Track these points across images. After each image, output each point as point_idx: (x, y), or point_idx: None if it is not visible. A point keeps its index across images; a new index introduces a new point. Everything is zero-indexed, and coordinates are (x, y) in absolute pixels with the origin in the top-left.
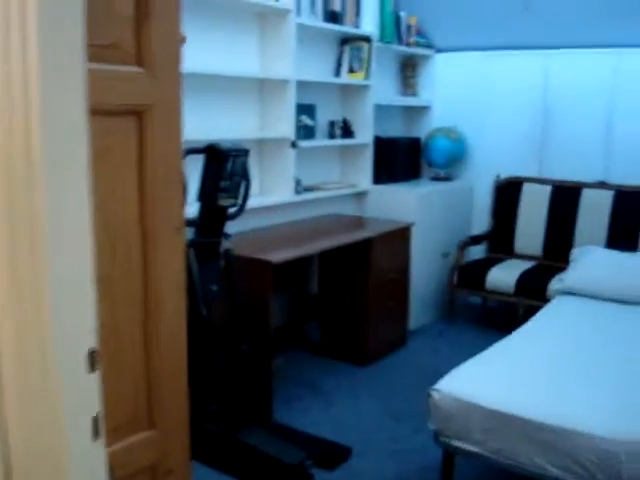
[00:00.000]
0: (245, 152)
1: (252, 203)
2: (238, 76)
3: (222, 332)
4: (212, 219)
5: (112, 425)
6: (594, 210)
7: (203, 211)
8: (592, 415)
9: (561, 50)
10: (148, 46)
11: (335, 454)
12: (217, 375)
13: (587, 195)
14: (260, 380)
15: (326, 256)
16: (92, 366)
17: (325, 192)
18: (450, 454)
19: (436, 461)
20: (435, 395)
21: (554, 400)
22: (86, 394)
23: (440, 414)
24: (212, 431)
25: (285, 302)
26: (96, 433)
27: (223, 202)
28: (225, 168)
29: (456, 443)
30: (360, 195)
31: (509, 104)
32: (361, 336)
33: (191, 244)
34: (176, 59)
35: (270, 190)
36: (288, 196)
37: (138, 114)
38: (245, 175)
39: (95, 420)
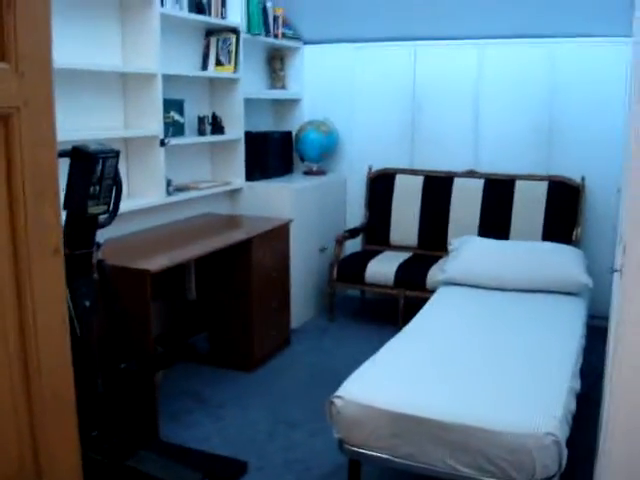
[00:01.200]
0: (115, 153)
1: (121, 207)
2: (98, 70)
3: (98, 351)
4: (81, 229)
5: None
6: (466, 199)
7: (70, 220)
8: (499, 411)
9: (428, 42)
10: (11, 38)
11: (231, 470)
12: (95, 398)
13: (458, 184)
14: (143, 398)
15: (204, 259)
16: None
17: (198, 192)
18: (356, 462)
19: (336, 467)
20: (338, 402)
21: (459, 398)
22: None
23: (344, 422)
24: (96, 460)
25: (162, 310)
26: None
27: (93, 210)
28: (94, 172)
29: (363, 451)
30: (234, 193)
31: (379, 96)
32: (246, 341)
33: None
34: (47, 53)
35: (140, 192)
36: (159, 198)
37: (3, 119)
38: (116, 179)
39: None
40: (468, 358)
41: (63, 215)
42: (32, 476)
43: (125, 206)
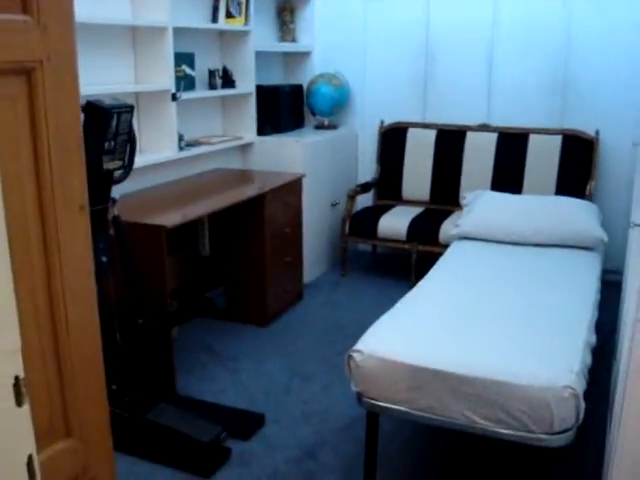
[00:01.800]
0: (130, 108)
1: (135, 162)
2: (108, 24)
3: (116, 307)
4: (97, 185)
5: None
6: (479, 153)
7: (88, 176)
8: (517, 364)
9: None
10: None
11: (248, 423)
12: (114, 353)
13: (471, 138)
14: (160, 353)
15: (217, 214)
16: (19, 398)
17: (209, 147)
18: (374, 415)
19: (351, 419)
20: (357, 357)
21: (477, 351)
22: (15, 435)
23: (363, 375)
24: (116, 414)
25: (176, 265)
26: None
27: (109, 165)
28: (109, 127)
29: (382, 404)
30: (245, 147)
31: (391, 48)
32: (260, 296)
33: None
34: (69, 5)
35: (152, 147)
36: (171, 153)
37: (27, 73)
38: (130, 134)
39: (30, 462)
40: (485, 312)
41: None
42: (62, 435)
43: (138, 161)
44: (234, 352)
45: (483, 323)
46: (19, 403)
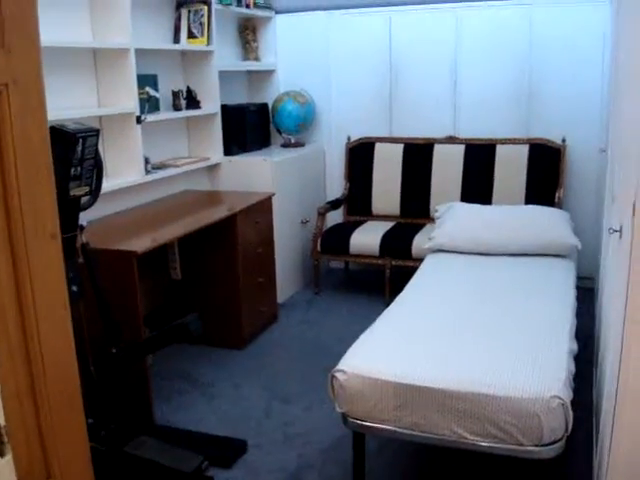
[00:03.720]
0: (95, 132)
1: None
2: (68, 47)
3: (88, 337)
4: (64, 212)
5: None
6: (447, 165)
7: None
8: (503, 377)
9: (403, 7)
10: None
11: (230, 450)
12: (89, 386)
13: (439, 151)
14: (136, 383)
15: (187, 237)
16: (1, 448)
17: (176, 169)
18: (360, 435)
19: (335, 440)
20: (340, 377)
21: (461, 365)
22: None
23: (347, 396)
24: (94, 448)
25: (148, 291)
26: None
27: (76, 191)
28: (74, 153)
29: (368, 423)
30: (213, 168)
31: (355, 64)
32: (235, 318)
33: None
34: (34, 28)
35: (118, 172)
36: (138, 176)
37: None
38: (96, 159)
39: None
40: (465, 325)
41: None
42: (42, 477)
43: (104, 186)
44: (211, 377)
45: (465, 336)
46: (1, 454)
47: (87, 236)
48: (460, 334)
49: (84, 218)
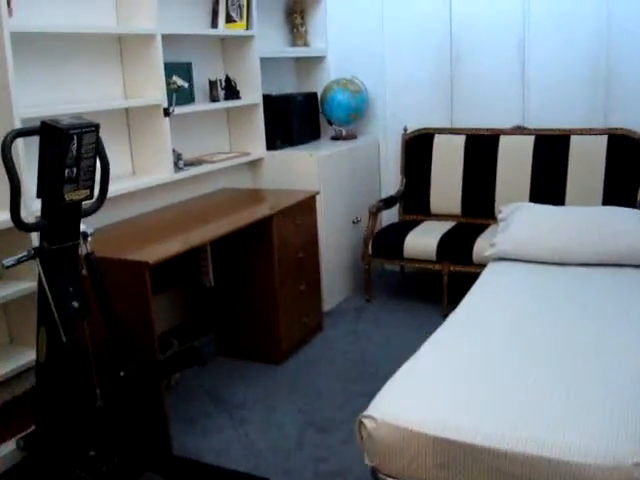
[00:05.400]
0: (93, 127)
1: (123, 188)
2: (90, 33)
3: (93, 359)
4: (61, 219)
5: None
6: (514, 159)
7: (47, 210)
8: (572, 436)
9: None
10: None
11: None
12: (92, 413)
13: (505, 143)
14: (150, 409)
15: (220, 240)
16: None
17: (212, 165)
18: None
19: None
20: (368, 424)
21: (521, 418)
22: None
23: (377, 447)
24: None
25: (179, 299)
26: None
27: (72, 196)
28: (67, 152)
29: None
30: (254, 164)
31: (412, 48)
32: (272, 330)
33: (37, 253)
34: None
35: (145, 169)
36: (167, 174)
37: None
38: (100, 157)
39: None
40: (530, 362)
41: (38, 204)
42: None
43: (128, 186)
44: (242, 398)
45: (528, 377)
46: None
47: (100, 243)
48: (522, 374)
49: (101, 221)
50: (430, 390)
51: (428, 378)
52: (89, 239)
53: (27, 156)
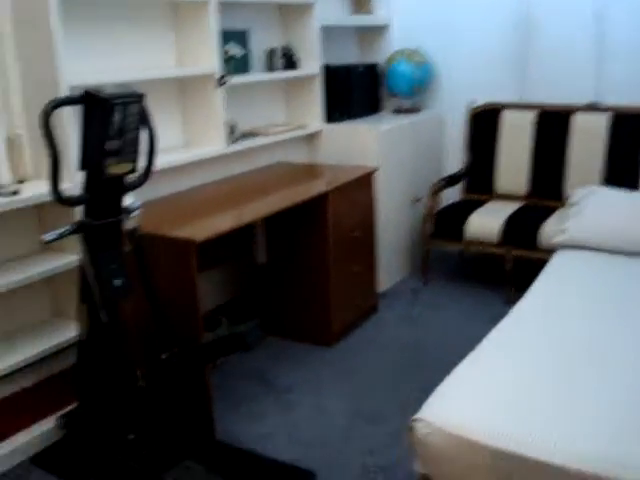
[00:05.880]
0: (138, 97)
1: (173, 160)
2: None
3: (135, 339)
4: (103, 193)
5: None
6: (587, 139)
7: (90, 183)
8: None
9: None
10: None
11: None
12: (133, 395)
13: (578, 121)
14: (195, 393)
15: (273, 217)
16: None
17: (267, 138)
18: None
19: None
20: (420, 428)
21: (595, 430)
22: None
23: (429, 454)
24: (132, 469)
25: (230, 275)
26: None
27: (114, 169)
28: (110, 123)
29: None
30: (311, 137)
31: (482, 16)
32: (323, 311)
33: (79, 228)
34: None
35: (196, 141)
36: (219, 147)
37: None
38: (147, 128)
39: None
40: (605, 363)
41: (80, 177)
42: None
43: (178, 158)
44: (290, 381)
45: (604, 382)
46: None
47: (147, 218)
48: (597, 378)
49: (149, 194)
50: (491, 394)
51: (489, 379)
52: (134, 214)
53: (76, 126)
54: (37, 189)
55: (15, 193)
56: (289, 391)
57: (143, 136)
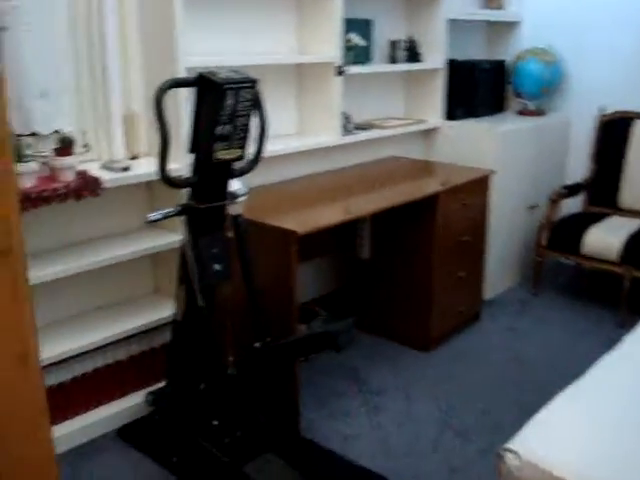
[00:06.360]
0: (251, 83)
1: (285, 148)
2: None
3: (230, 326)
4: (210, 177)
5: None
6: None
7: (198, 167)
8: None
9: None
10: None
11: None
12: (221, 381)
13: None
14: (283, 385)
15: (381, 212)
16: None
17: (382, 131)
18: None
19: None
20: (510, 460)
21: None
22: None
23: None
24: (213, 456)
25: (331, 267)
26: None
27: (222, 154)
28: (222, 108)
29: None
30: (428, 133)
31: (617, 16)
32: (423, 315)
33: (184, 211)
34: None
35: (310, 130)
36: (333, 137)
37: None
38: (259, 115)
39: None
40: None
41: (189, 159)
42: None
43: (291, 146)
44: (381, 383)
45: None
46: None
47: (252, 204)
48: None
49: (260, 180)
50: (592, 434)
51: (592, 416)
52: (240, 200)
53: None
54: (148, 167)
55: (126, 169)
56: (379, 393)
57: (254, 122)
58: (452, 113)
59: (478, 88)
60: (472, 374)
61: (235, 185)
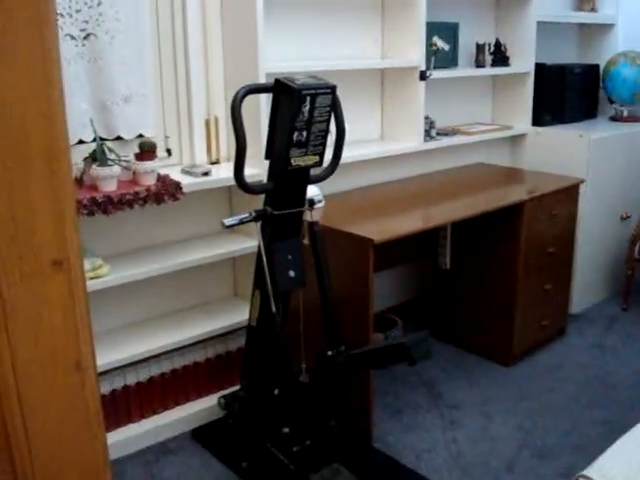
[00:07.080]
0: (330, 89)
1: (366, 153)
2: None
3: (304, 333)
4: (286, 184)
5: None
6: None
7: (273, 173)
8: None
9: None
10: None
11: None
12: (293, 387)
13: None
14: (357, 394)
15: (463, 220)
16: None
17: (467, 137)
18: None
19: None
20: None
21: None
22: None
23: None
24: (280, 462)
25: (410, 275)
26: None
27: (299, 161)
28: (299, 114)
29: None
30: (515, 140)
31: None
32: (505, 328)
33: (259, 217)
34: None
35: (393, 135)
36: (416, 142)
37: None
38: (337, 121)
39: None
40: None
41: (266, 165)
42: None
43: (372, 152)
44: (459, 396)
45: None
46: None
47: (330, 210)
48: None
49: (337, 186)
50: None
51: None
52: (316, 207)
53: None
54: (228, 172)
55: (206, 174)
56: (456, 407)
57: (332, 129)
58: (540, 119)
59: (568, 93)
60: (555, 392)
61: (312, 191)
